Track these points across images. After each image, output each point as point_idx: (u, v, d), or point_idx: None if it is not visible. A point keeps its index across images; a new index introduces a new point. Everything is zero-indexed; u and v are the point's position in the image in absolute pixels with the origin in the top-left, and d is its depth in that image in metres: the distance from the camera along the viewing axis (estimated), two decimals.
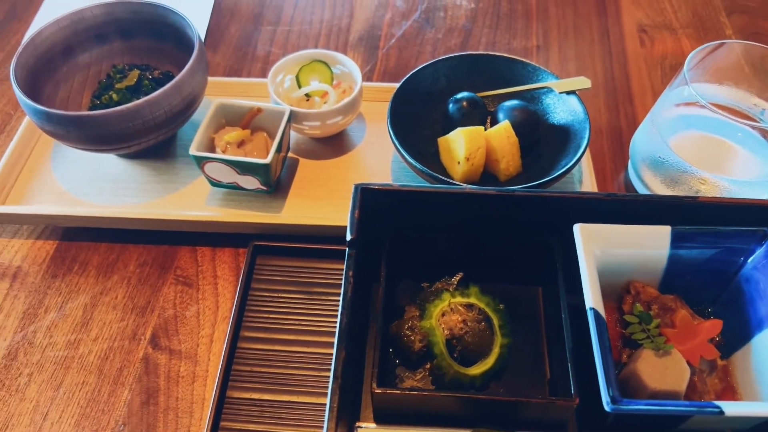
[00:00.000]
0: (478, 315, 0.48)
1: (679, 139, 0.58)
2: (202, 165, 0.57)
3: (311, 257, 0.57)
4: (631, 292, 0.49)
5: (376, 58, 0.76)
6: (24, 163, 0.62)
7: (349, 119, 0.62)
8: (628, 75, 0.74)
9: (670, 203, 0.48)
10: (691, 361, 0.44)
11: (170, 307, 0.55)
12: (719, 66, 0.58)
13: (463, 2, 0.83)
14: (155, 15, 0.63)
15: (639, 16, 0.81)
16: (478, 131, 0.56)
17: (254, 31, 0.80)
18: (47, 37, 0.61)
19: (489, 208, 0.49)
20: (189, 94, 0.57)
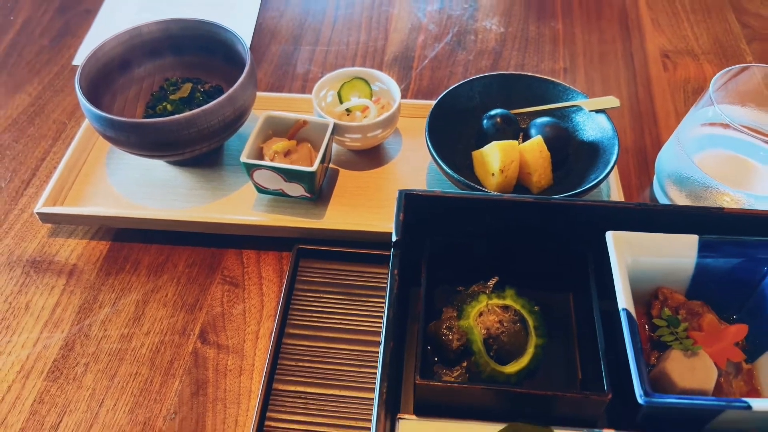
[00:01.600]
0: (514, 316, 0.51)
1: (704, 156, 0.61)
2: (252, 172, 0.60)
3: (352, 261, 0.60)
4: (660, 297, 0.51)
5: (410, 78, 0.80)
6: (80, 168, 0.66)
7: (387, 133, 0.66)
8: (652, 97, 0.77)
9: (698, 214, 0.50)
10: (717, 363, 0.47)
11: (218, 305, 0.58)
12: (742, 89, 0.61)
13: (492, 26, 0.87)
14: (206, 31, 0.67)
15: (662, 41, 0.85)
16: (512, 145, 0.60)
17: (294, 50, 0.84)
18: (107, 52, 0.66)
19: (524, 216, 0.52)
20: (240, 106, 0.61)
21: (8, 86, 0.79)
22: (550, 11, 0.89)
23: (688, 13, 0.89)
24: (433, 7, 0.91)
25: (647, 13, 0.89)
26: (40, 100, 0.77)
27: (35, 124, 0.75)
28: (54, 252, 0.62)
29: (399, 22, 0.88)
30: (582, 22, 0.88)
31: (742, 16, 0.89)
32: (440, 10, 0.90)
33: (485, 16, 0.89)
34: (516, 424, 0.47)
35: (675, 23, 0.87)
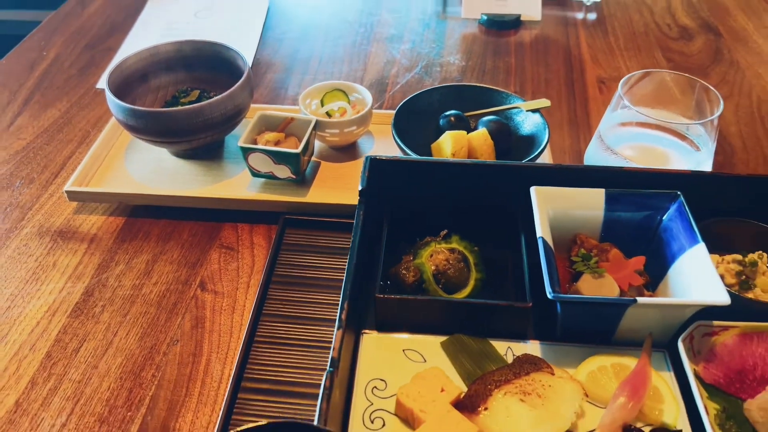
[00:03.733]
0: (458, 255, 0.62)
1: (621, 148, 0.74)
2: (247, 156, 0.73)
3: (329, 228, 0.71)
4: (577, 242, 0.62)
5: (384, 98, 0.94)
6: (103, 159, 0.79)
7: (362, 130, 0.79)
8: (588, 112, 0.91)
9: (606, 171, 0.63)
10: (622, 287, 0.58)
11: (215, 263, 0.69)
12: (648, 91, 0.74)
13: (455, 61, 1.03)
14: (213, 51, 0.82)
15: (598, 72, 1.00)
16: (462, 134, 0.73)
17: (286, 78, 0.99)
18: (130, 65, 0.80)
19: (468, 179, 0.64)
20: (239, 104, 0.75)
21: (41, 104, 0.93)
22: (505, 49, 1.05)
23: (622, 50, 1.05)
24: (405, 47, 1.06)
25: (587, 51, 1.05)
26: (67, 114, 0.91)
27: (63, 132, 0.88)
28: (78, 225, 0.74)
29: (376, 57, 1.04)
30: (531, 58, 1.03)
31: (667, 53, 1.05)
32: (411, 48, 1.06)
33: (449, 53, 1.05)
34: (458, 335, 0.57)
35: (610, 58, 1.03)
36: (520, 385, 0.52)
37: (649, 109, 0.74)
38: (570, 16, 1.14)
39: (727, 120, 0.91)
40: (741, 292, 0.58)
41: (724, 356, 0.54)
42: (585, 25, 1.12)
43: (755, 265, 0.60)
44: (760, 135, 0.88)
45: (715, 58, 1.04)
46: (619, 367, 0.54)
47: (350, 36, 1.09)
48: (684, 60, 1.03)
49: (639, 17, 1.15)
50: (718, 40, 1.09)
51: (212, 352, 0.61)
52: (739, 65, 1.02)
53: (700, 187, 0.62)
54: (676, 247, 0.58)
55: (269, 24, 1.12)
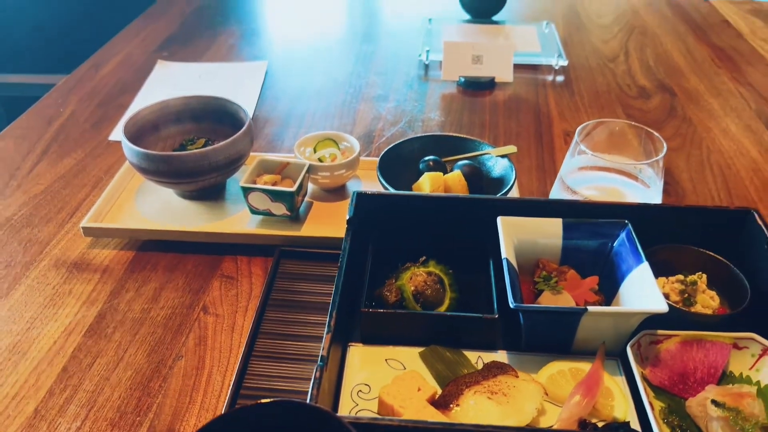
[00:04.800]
0: (435, 278, 0.69)
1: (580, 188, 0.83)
2: (247, 194, 0.81)
3: (321, 260, 0.79)
4: (540, 266, 0.70)
5: (371, 149, 1.04)
6: (116, 199, 0.87)
7: (350, 173, 0.88)
8: (554, 161, 1.01)
9: (564, 204, 0.72)
10: (578, 303, 0.65)
11: (217, 290, 0.77)
12: (602, 138, 0.84)
13: (435, 117, 1.13)
14: (218, 105, 0.92)
15: (565, 126, 1.11)
16: (439, 175, 0.82)
17: (282, 131, 1.09)
18: (143, 116, 0.89)
19: (443, 211, 0.72)
20: (241, 149, 0.84)
21: (58, 153, 1.02)
22: (480, 107, 1.16)
23: (587, 107, 1.16)
24: (390, 105, 1.17)
25: (555, 108, 1.16)
26: (82, 163, 1.00)
27: (78, 178, 0.96)
28: (92, 258, 0.81)
29: (364, 113, 1.14)
30: (504, 114, 1.14)
31: (627, 110, 1.16)
32: (396, 106, 1.17)
33: (430, 110, 1.15)
34: (434, 346, 0.65)
35: (576, 114, 1.14)
36: (488, 386, 0.59)
37: (604, 153, 0.84)
38: (540, 78, 1.27)
39: (679, 168, 1.01)
40: (684, 307, 0.66)
41: (668, 361, 0.62)
42: (553, 86, 1.24)
43: (695, 284, 0.68)
44: (708, 180, 0.98)
45: (670, 114, 1.15)
46: (576, 371, 0.61)
47: (341, 95, 1.20)
48: (642, 116, 1.14)
49: (602, 79, 1.27)
50: (673, 98, 1.20)
51: (213, 366, 0.67)
52: (691, 120, 1.13)
53: (646, 217, 0.71)
54: (625, 268, 0.67)
55: (267, 84, 1.23)
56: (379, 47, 1.40)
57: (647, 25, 1.52)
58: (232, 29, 1.47)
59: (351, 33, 1.48)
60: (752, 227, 0.70)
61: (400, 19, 1.56)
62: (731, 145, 1.06)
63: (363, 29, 1.49)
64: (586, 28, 1.49)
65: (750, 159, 1.03)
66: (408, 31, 1.47)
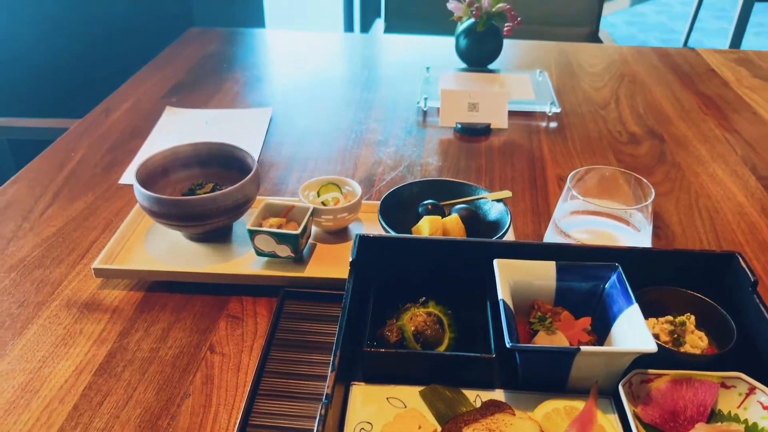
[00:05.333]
0: (434, 318, 0.72)
1: (573, 232, 0.87)
2: (254, 237, 0.84)
3: (324, 300, 0.82)
4: (535, 307, 0.73)
5: (371, 193, 1.08)
6: (126, 241, 0.90)
7: (352, 216, 0.91)
8: (548, 205, 1.05)
9: (558, 247, 0.75)
10: (572, 343, 0.68)
11: (223, 330, 0.79)
12: (593, 184, 0.88)
13: (433, 161, 1.18)
14: (225, 151, 0.96)
15: (558, 171, 1.15)
16: (437, 218, 0.85)
17: (287, 176, 1.13)
18: (153, 162, 0.93)
19: (442, 253, 0.76)
20: (248, 194, 0.87)
21: (69, 197, 1.05)
22: (476, 152, 1.21)
23: (579, 153, 1.21)
24: (390, 150, 1.22)
25: (548, 153, 1.21)
26: (93, 206, 1.03)
27: (89, 220, 1.00)
28: (102, 298, 0.84)
29: (365, 158, 1.19)
30: (500, 159, 1.19)
31: (618, 155, 1.21)
32: (395, 151, 1.21)
33: (428, 155, 1.20)
34: (434, 386, 0.67)
35: (568, 159, 1.19)
36: (486, 424, 0.61)
37: (595, 198, 0.88)
38: (534, 125, 1.32)
39: (669, 211, 1.05)
40: (673, 347, 0.69)
41: (659, 399, 0.64)
42: (547, 132, 1.29)
43: (684, 325, 0.71)
44: (697, 224, 1.01)
45: (660, 160, 1.20)
46: (571, 409, 0.63)
47: (343, 141, 1.25)
48: (633, 161, 1.19)
49: (594, 125, 1.32)
50: (662, 144, 1.25)
51: (220, 404, 0.69)
52: (680, 166, 1.18)
53: (636, 260, 0.74)
54: (616, 309, 0.70)
55: (272, 130, 1.28)
56: (380, 94, 1.46)
57: (637, 73, 1.58)
58: (237, 76, 1.53)
59: (352, 80, 1.53)
60: (737, 270, 0.73)
61: (399, 67, 1.62)
62: (718, 190, 1.10)
63: (364, 77, 1.55)
64: (578, 77, 1.56)
65: (736, 203, 1.07)
66: (407, 78, 1.53)
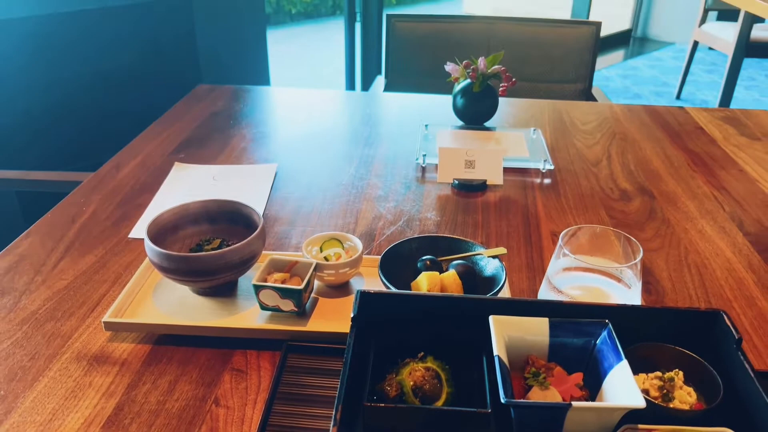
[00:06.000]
0: (433, 373, 0.75)
1: (566, 288, 0.90)
2: (258, 292, 0.88)
3: (326, 354, 0.85)
4: (529, 362, 0.76)
5: (372, 247, 1.12)
6: (135, 295, 0.93)
7: (354, 271, 0.95)
8: (543, 260, 1.09)
9: (551, 304, 0.78)
10: (565, 399, 0.71)
11: (227, 383, 0.82)
12: (585, 241, 0.92)
13: (431, 216, 1.22)
14: (233, 208, 1.00)
15: (552, 226, 1.19)
16: (435, 274, 0.89)
17: (291, 230, 1.17)
18: (163, 218, 0.97)
19: (440, 309, 0.79)
20: (254, 250, 0.91)
21: (80, 251, 1.09)
22: (473, 208, 1.25)
23: (572, 209, 1.25)
24: (390, 205, 1.26)
25: (542, 209, 1.25)
26: (103, 259, 1.07)
27: (99, 274, 1.03)
28: (111, 351, 0.87)
29: (365, 213, 1.23)
30: (495, 215, 1.23)
31: (610, 211, 1.25)
32: (395, 206, 1.26)
33: (427, 210, 1.24)
34: None
35: (562, 215, 1.23)
36: None
37: (587, 256, 0.92)
38: (528, 181, 1.37)
39: (660, 267, 1.08)
40: (663, 403, 0.71)
41: None
42: (541, 189, 1.34)
43: (673, 381, 0.73)
44: (686, 279, 1.05)
45: (650, 216, 1.24)
46: None
47: (344, 196, 1.30)
48: (624, 217, 1.23)
49: (586, 182, 1.37)
50: (653, 201, 1.30)
51: None
52: (669, 222, 1.22)
53: (626, 317, 0.77)
54: (607, 365, 0.72)
55: (276, 185, 1.33)
56: (380, 150, 1.51)
57: (628, 131, 1.64)
58: (244, 132, 1.59)
59: (354, 137, 1.59)
60: (722, 327, 0.76)
61: (399, 124, 1.69)
62: (707, 246, 1.14)
63: (365, 133, 1.61)
64: (571, 134, 1.62)
65: (725, 259, 1.10)
66: (406, 135, 1.59)
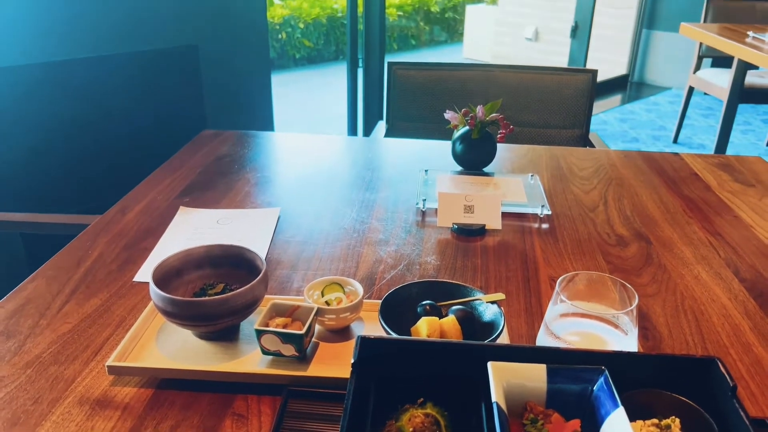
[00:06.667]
0: (432, 419, 0.76)
1: (564, 334, 0.92)
2: (260, 336, 0.89)
3: (326, 399, 0.85)
4: (527, 409, 0.77)
5: (372, 291, 1.13)
6: (138, 339, 0.95)
7: (354, 316, 0.97)
8: (541, 304, 1.10)
9: (549, 351, 0.79)
10: None
11: (229, 428, 0.82)
12: (581, 288, 0.94)
13: (431, 261, 1.24)
14: (236, 253, 1.02)
15: (550, 271, 1.21)
16: (435, 320, 0.90)
17: (292, 273, 1.19)
18: (168, 263, 0.99)
19: (440, 355, 0.80)
20: (257, 295, 0.93)
21: (85, 294, 1.11)
22: (472, 252, 1.27)
23: (570, 254, 1.27)
24: (390, 249, 1.28)
25: (541, 255, 1.27)
26: (107, 303, 1.08)
27: (103, 317, 1.05)
28: (113, 395, 0.88)
29: (366, 257, 1.25)
30: (494, 259, 1.25)
31: (607, 257, 1.27)
32: (396, 250, 1.28)
33: (427, 254, 1.26)
34: None
35: (560, 260, 1.25)
36: None
37: (584, 302, 0.93)
38: (526, 226, 1.39)
39: (657, 313, 1.10)
40: None
41: None
42: (539, 233, 1.36)
43: (669, 428, 0.74)
44: (683, 325, 1.06)
45: (647, 262, 1.26)
46: None
47: (346, 240, 1.32)
48: (621, 263, 1.25)
49: (584, 227, 1.39)
50: (649, 246, 1.32)
51: None
52: (665, 267, 1.24)
53: (622, 364, 0.79)
54: (604, 411, 0.73)
55: (279, 228, 1.35)
56: (381, 195, 1.54)
57: (624, 177, 1.68)
58: (248, 177, 1.62)
59: (356, 181, 1.62)
60: (717, 374, 0.77)
61: (399, 169, 1.72)
62: (703, 292, 1.16)
63: (366, 178, 1.64)
64: (568, 180, 1.65)
65: (720, 305, 1.12)
66: (406, 180, 1.62)
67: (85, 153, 2.17)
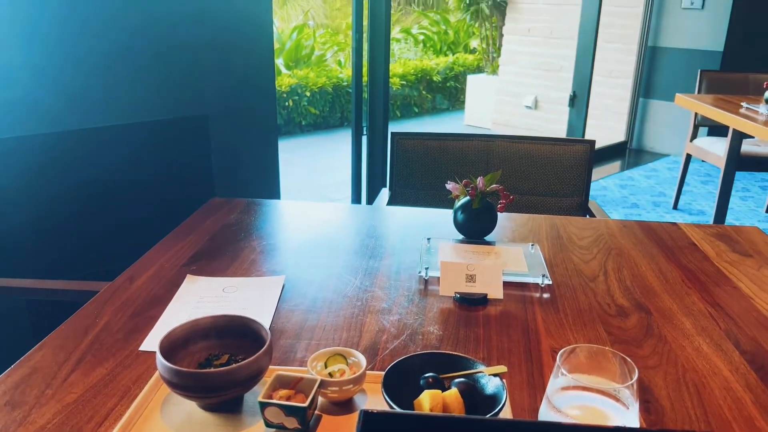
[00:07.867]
0: None
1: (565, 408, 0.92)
2: (264, 409, 0.90)
3: None
4: None
5: (375, 361, 1.14)
6: (143, 410, 0.95)
7: (357, 388, 0.97)
8: (543, 377, 1.11)
9: (550, 425, 0.80)
10: None
11: None
12: (582, 361, 0.95)
13: (434, 330, 1.25)
14: (242, 323, 1.04)
15: (551, 342, 1.22)
16: (438, 392, 0.91)
17: (295, 343, 1.20)
18: (175, 333, 1.01)
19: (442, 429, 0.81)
20: (261, 366, 0.94)
21: (92, 363, 1.12)
22: (474, 321, 1.29)
23: (571, 325, 1.29)
24: (393, 318, 1.30)
25: (542, 324, 1.29)
26: (113, 372, 1.10)
27: (108, 387, 1.05)
28: None
29: (369, 326, 1.26)
30: (496, 329, 1.26)
31: (607, 327, 1.28)
32: (398, 319, 1.29)
33: (429, 324, 1.28)
34: None
35: (561, 331, 1.26)
36: None
37: (585, 375, 0.94)
38: (527, 295, 1.41)
39: (658, 385, 1.10)
40: None
41: None
42: (540, 303, 1.38)
43: None
44: (685, 398, 1.07)
45: (647, 333, 1.27)
46: None
47: (349, 309, 1.34)
48: (621, 333, 1.26)
49: (584, 298, 1.41)
50: (649, 317, 1.33)
51: None
52: (666, 339, 1.25)
53: None
54: None
55: (284, 297, 1.37)
56: (384, 263, 1.57)
57: (623, 247, 1.70)
58: (254, 244, 1.65)
59: (359, 249, 1.66)
60: None
61: (402, 237, 1.76)
62: (704, 364, 1.16)
63: (370, 246, 1.67)
64: (568, 249, 1.68)
65: (722, 378, 1.12)
66: (409, 248, 1.65)
67: (95, 219, 2.22)
